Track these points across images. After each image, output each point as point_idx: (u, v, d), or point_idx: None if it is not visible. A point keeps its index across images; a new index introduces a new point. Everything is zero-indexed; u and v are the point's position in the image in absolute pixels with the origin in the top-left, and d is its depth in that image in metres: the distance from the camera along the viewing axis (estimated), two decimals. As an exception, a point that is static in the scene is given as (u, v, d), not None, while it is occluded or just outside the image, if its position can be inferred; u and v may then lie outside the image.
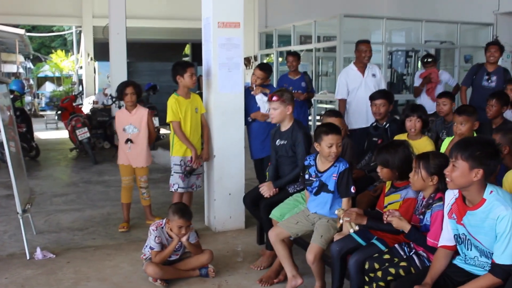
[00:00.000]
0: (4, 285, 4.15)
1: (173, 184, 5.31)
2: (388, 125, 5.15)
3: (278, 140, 4.72)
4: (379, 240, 3.45)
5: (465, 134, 4.28)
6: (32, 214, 5.72)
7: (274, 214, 4.33)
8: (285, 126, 4.67)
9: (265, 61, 15.80)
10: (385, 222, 3.32)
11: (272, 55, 15.91)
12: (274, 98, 4.59)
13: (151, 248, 4.13)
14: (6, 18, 17.29)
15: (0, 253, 4.87)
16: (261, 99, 5.79)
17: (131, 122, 5.46)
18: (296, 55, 7.88)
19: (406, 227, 3.20)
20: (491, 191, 2.74)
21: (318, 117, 14.52)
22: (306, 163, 4.10)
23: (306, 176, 4.05)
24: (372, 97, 5.31)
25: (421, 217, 3.25)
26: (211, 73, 5.38)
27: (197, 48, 18.72)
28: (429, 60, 8.18)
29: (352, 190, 3.82)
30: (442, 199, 3.08)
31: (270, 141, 5.70)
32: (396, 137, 4.69)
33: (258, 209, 4.69)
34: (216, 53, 5.34)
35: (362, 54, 6.64)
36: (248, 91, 5.91)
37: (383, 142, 4.99)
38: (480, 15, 13.17)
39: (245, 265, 4.55)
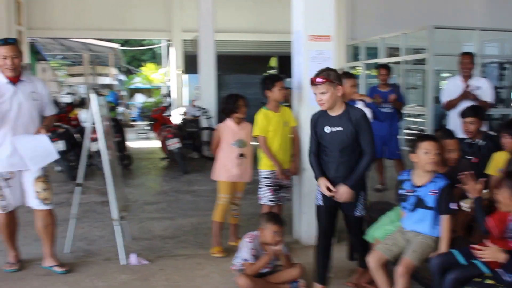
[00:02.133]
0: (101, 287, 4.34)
1: (262, 197, 5.34)
2: (484, 142, 4.93)
3: (327, 127, 4.04)
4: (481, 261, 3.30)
5: None
6: (126, 221, 5.96)
7: (371, 237, 4.25)
8: (337, 110, 4.01)
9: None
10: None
11: (358, 68, 15.74)
12: (319, 79, 3.91)
13: (244, 260, 4.14)
14: (102, 33, 18.29)
15: (98, 257, 5.09)
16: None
17: (240, 136, 5.31)
18: (388, 68, 8.08)
19: (501, 257, 3.03)
20: None
21: (406, 131, 14.22)
22: (400, 178, 3.99)
23: (400, 191, 3.94)
24: (462, 114, 5.13)
25: None
26: (302, 86, 5.39)
27: (284, 60, 18.85)
28: None
29: (453, 206, 3.67)
30: None
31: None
32: (495, 155, 4.49)
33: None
34: (307, 66, 5.33)
35: (461, 66, 6.80)
36: None
37: (479, 162, 4.78)
38: None
39: (335, 281, 4.48)
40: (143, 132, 16.56)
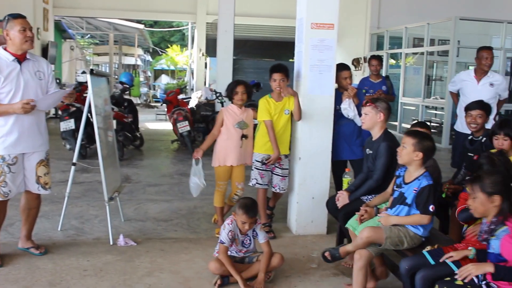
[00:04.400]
0: (85, 267, 4.36)
1: (252, 179, 5.38)
2: (484, 139, 4.81)
3: (368, 150, 4.61)
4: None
5: None
6: (124, 201, 6.03)
7: (351, 224, 4.17)
8: (375, 135, 4.54)
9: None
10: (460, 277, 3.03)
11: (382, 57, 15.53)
12: (368, 103, 4.52)
13: (221, 242, 4.12)
14: (128, 13, 18.38)
15: (88, 236, 5.13)
16: (348, 105, 5.56)
17: (242, 119, 5.34)
18: (379, 58, 8.25)
19: (488, 268, 2.90)
20: None
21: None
22: (396, 173, 3.95)
23: (394, 187, 3.91)
24: (468, 108, 5.02)
25: (484, 242, 2.97)
26: (301, 74, 5.31)
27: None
28: None
29: (431, 209, 3.58)
30: (503, 221, 2.81)
31: (357, 144, 5.59)
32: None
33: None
34: (307, 54, 5.24)
35: (482, 61, 6.54)
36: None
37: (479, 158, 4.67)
38: None
39: (319, 272, 4.43)
40: (162, 114, 16.61)
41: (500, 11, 14.93)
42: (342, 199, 4.56)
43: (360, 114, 5.20)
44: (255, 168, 5.34)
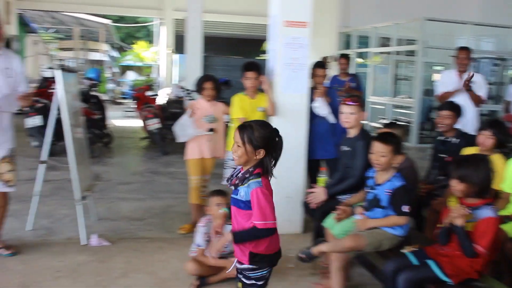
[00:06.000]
0: (57, 268, 4.27)
1: (225, 177, 5.31)
2: (457, 140, 4.86)
3: (343, 146, 4.53)
4: (434, 262, 3.23)
5: None
6: (95, 200, 5.89)
7: (328, 223, 4.17)
8: (353, 132, 4.45)
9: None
10: None
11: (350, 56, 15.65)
12: (353, 102, 4.39)
13: (198, 245, 4.08)
14: (93, 8, 18.07)
15: (60, 236, 5.03)
16: (321, 105, 5.57)
17: (211, 112, 5.31)
18: (348, 57, 8.67)
19: (228, 237, 2.97)
20: None
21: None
22: (367, 174, 3.94)
23: (366, 189, 3.90)
24: (439, 108, 5.06)
25: (232, 188, 2.94)
26: (274, 73, 5.29)
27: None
28: None
29: (406, 209, 3.58)
30: (260, 174, 2.82)
31: (330, 143, 5.59)
32: (465, 151, 4.45)
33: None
34: (281, 52, 5.23)
35: (458, 60, 6.79)
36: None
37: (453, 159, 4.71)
38: None
39: (297, 272, 4.41)
40: (130, 110, 16.35)
41: (465, 13, 15.21)
42: (318, 195, 4.49)
43: (334, 112, 5.22)
44: (228, 166, 5.30)
